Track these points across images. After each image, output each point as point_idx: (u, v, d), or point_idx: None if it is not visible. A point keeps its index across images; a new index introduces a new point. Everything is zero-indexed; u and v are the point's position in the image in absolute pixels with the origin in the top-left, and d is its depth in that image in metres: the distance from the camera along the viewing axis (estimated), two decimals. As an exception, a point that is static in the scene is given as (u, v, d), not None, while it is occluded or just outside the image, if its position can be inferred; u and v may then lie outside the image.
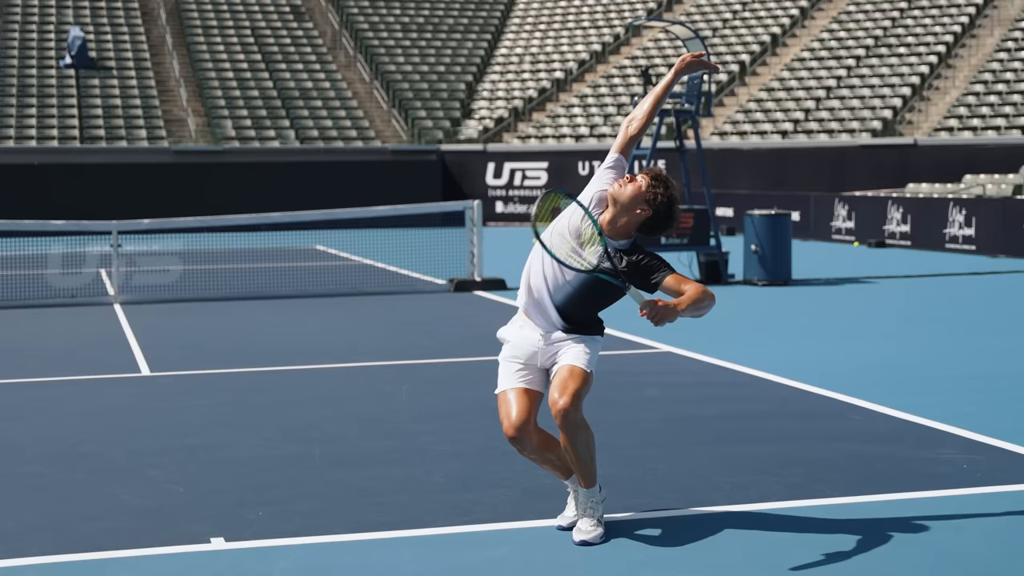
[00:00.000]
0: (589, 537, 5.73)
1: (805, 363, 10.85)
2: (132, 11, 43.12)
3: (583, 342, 5.82)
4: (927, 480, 6.74)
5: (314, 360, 11.38)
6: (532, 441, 5.82)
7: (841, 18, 39.86)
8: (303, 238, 28.36)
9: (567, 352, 5.80)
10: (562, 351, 5.81)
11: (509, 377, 5.87)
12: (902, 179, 30.31)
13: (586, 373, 5.72)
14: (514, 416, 5.78)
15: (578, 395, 5.65)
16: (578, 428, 5.68)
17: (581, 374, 5.70)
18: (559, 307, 5.81)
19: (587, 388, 5.72)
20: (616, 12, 44.64)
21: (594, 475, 5.82)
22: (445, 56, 43.46)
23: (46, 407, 9.33)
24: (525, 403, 5.82)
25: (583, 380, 5.69)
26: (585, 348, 5.80)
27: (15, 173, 33.68)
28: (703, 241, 18.36)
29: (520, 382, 5.84)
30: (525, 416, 5.79)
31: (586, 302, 5.83)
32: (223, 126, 37.51)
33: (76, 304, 16.44)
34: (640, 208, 5.76)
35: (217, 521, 6.10)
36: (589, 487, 5.82)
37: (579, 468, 5.79)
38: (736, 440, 7.84)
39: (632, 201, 5.75)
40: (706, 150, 25.99)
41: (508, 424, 5.79)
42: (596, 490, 5.85)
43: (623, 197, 5.75)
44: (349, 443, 7.89)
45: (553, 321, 5.83)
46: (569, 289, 5.79)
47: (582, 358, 5.75)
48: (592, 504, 5.82)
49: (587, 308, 5.87)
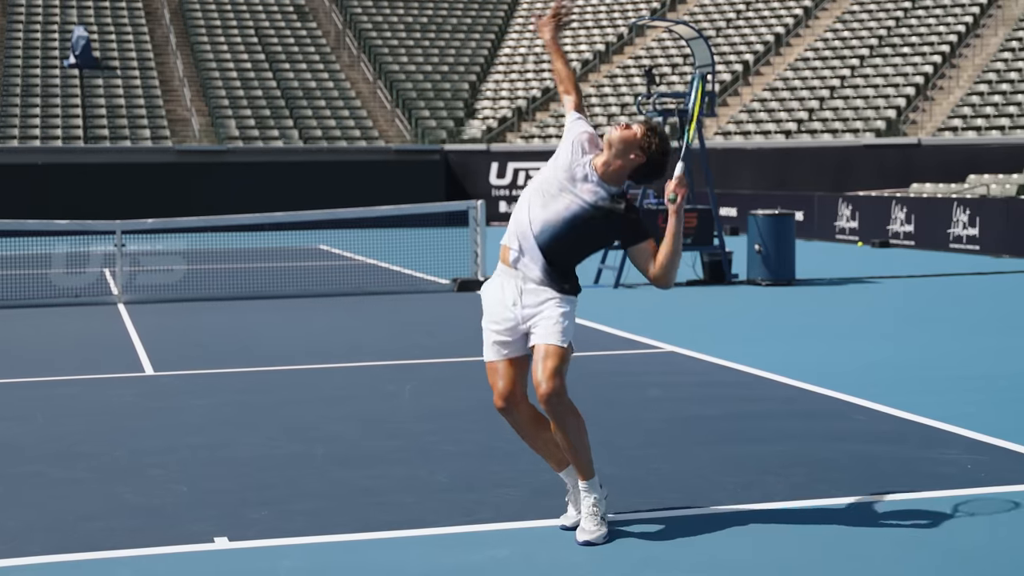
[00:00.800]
0: (592, 537, 5.73)
1: (808, 363, 10.84)
2: (136, 11, 43.14)
3: (557, 308, 5.78)
4: (930, 480, 6.73)
5: (317, 360, 11.38)
6: (521, 414, 5.87)
7: (845, 17, 39.84)
8: (307, 238, 28.37)
9: (541, 324, 5.77)
10: (537, 319, 5.78)
11: (490, 349, 5.91)
12: (906, 179, 30.29)
13: (562, 349, 5.73)
14: (500, 386, 5.84)
15: (558, 374, 5.67)
16: (565, 412, 5.69)
17: (557, 352, 5.71)
18: (543, 247, 5.78)
19: (566, 363, 5.74)
20: (620, 12, 44.63)
21: (590, 464, 5.81)
22: (448, 56, 43.46)
23: (49, 406, 9.33)
24: (509, 374, 5.85)
25: (560, 357, 5.70)
26: (558, 317, 5.77)
27: (19, 173, 33.70)
28: (707, 241, 18.35)
29: (502, 355, 5.87)
30: (511, 386, 5.84)
31: (570, 243, 5.80)
32: (227, 126, 37.53)
33: (80, 304, 16.45)
34: (634, 153, 5.84)
35: (220, 520, 6.09)
36: (587, 478, 5.81)
37: (573, 457, 5.79)
38: (739, 440, 7.83)
39: (627, 146, 5.83)
40: (709, 150, 25.97)
41: (496, 395, 5.87)
42: (596, 483, 5.83)
43: (620, 142, 5.83)
44: (352, 443, 7.89)
45: (534, 264, 5.79)
46: (554, 229, 5.78)
47: (555, 334, 5.73)
48: (594, 501, 5.82)
49: (569, 251, 5.83)
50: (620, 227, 5.82)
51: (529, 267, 5.81)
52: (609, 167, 5.83)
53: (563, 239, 5.78)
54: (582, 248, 5.87)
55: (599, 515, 5.81)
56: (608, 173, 5.83)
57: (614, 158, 5.83)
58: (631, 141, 5.84)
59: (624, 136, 5.84)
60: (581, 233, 5.79)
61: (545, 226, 5.78)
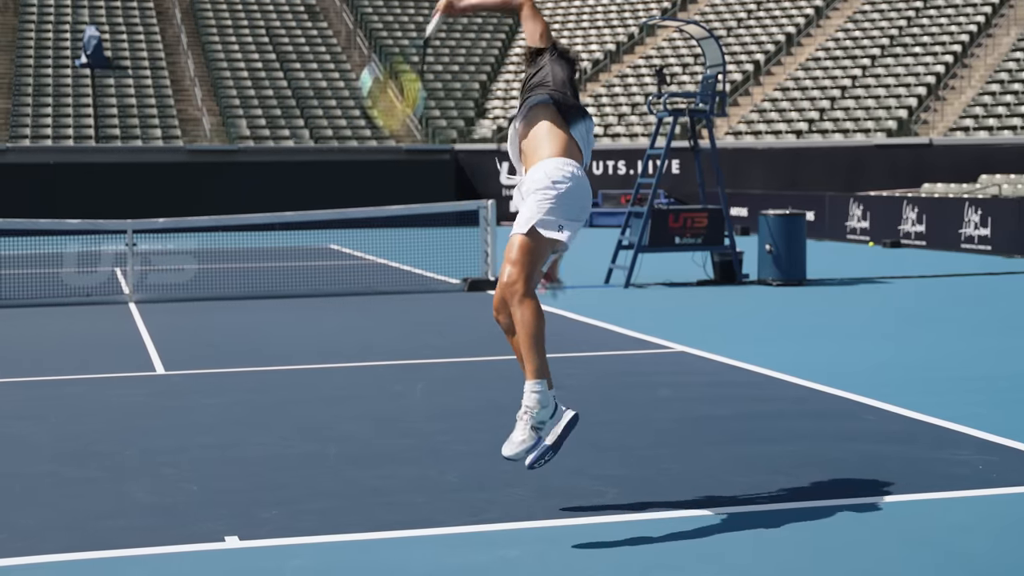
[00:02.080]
0: (513, 451, 5.79)
1: (818, 363, 10.83)
2: (147, 11, 43.23)
3: (532, 195, 5.96)
4: (941, 481, 6.72)
5: (328, 359, 11.39)
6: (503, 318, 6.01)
7: (856, 17, 39.78)
8: (317, 237, 28.40)
9: (518, 216, 6.02)
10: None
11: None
12: (917, 179, 30.24)
13: (522, 238, 5.87)
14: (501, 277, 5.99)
15: (518, 264, 5.82)
16: (521, 301, 5.76)
17: (518, 243, 5.87)
18: (522, 152, 6.18)
19: (529, 252, 5.86)
20: (630, 12, 44.61)
21: (541, 368, 5.76)
22: (459, 55, 43.48)
23: (61, 406, 9.36)
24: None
25: (520, 247, 5.86)
26: (528, 206, 5.95)
27: (31, 172, 33.78)
28: (717, 241, 18.34)
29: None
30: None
31: (528, 136, 6.14)
32: (238, 125, 37.58)
33: (91, 303, 16.49)
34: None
35: (231, 520, 6.11)
36: (532, 379, 5.77)
37: (524, 352, 5.79)
38: (749, 440, 7.83)
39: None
40: (720, 150, 25.96)
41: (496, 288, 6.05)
42: (541, 387, 5.76)
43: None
44: (363, 442, 7.90)
45: (521, 169, 6.21)
46: (517, 131, 6.20)
47: (521, 222, 5.92)
48: (533, 402, 5.74)
49: (531, 143, 6.11)
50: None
51: (521, 171, 6.32)
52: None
53: (525, 135, 6.23)
54: (536, 132, 6.17)
55: (530, 423, 5.75)
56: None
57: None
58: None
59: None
60: (529, 119, 6.23)
61: (513, 139, 6.34)
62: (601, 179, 36.21)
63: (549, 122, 6.13)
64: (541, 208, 5.90)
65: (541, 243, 5.89)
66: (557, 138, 6.10)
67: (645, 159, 19.97)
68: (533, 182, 6.00)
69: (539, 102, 6.17)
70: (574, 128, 6.15)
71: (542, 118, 6.14)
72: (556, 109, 6.15)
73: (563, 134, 6.11)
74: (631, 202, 19.37)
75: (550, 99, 6.15)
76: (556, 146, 6.08)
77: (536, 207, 5.91)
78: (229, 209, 26.81)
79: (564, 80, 6.25)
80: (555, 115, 6.15)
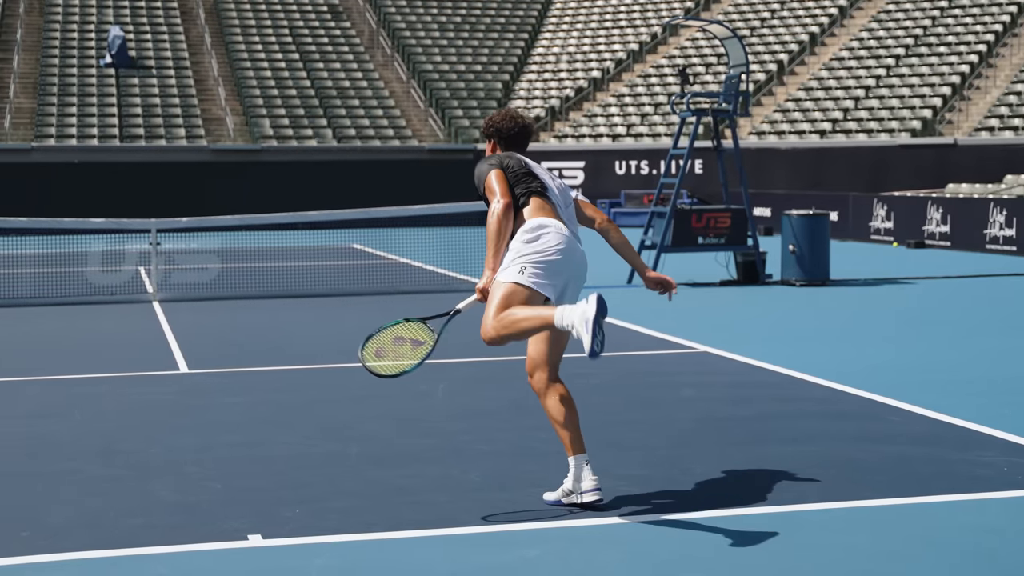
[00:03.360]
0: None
1: (842, 364, 10.80)
2: (171, 11, 43.38)
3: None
4: (967, 482, 6.69)
5: (351, 359, 11.39)
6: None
7: (880, 17, 39.64)
8: (340, 237, 28.45)
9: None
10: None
11: None
12: (942, 179, 30.12)
13: (491, 291, 6.16)
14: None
15: (488, 311, 6.11)
16: (502, 338, 6.06)
17: (490, 295, 6.17)
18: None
19: (501, 295, 6.08)
20: (653, 11, 44.55)
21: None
22: (482, 55, 43.49)
23: (86, 404, 9.40)
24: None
25: (489, 300, 6.14)
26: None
27: (56, 171, 33.94)
28: (740, 241, 18.31)
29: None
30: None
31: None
32: (261, 125, 37.68)
33: (115, 301, 16.56)
34: (489, 144, 6.69)
35: (254, 518, 6.13)
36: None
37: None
38: (772, 441, 7.81)
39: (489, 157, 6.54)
40: (744, 150, 25.90)
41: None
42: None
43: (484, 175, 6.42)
44: (386, 441, 7.91)
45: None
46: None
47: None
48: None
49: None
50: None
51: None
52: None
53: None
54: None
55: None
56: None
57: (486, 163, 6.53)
58: (489, 154, 6.62)
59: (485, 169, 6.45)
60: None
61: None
62: (624, 179, 36.18)
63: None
64: (509, 262, 6.23)
65: (504, 289, 6.13)
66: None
67: (668, 159, 19.95)
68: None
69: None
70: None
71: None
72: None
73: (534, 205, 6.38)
74: (654, 202, 19.35)
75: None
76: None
77: (507, 263, 6.25)
78: (252, 208, 26.88)
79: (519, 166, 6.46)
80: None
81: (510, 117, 6.64)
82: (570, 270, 6.23)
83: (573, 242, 6.28)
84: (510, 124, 6.62)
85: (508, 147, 6.62)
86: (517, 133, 6.63)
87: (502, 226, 6.20)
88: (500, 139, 6.63)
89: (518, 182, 6.35)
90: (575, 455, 6.17)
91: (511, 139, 6.62)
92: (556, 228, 6.24)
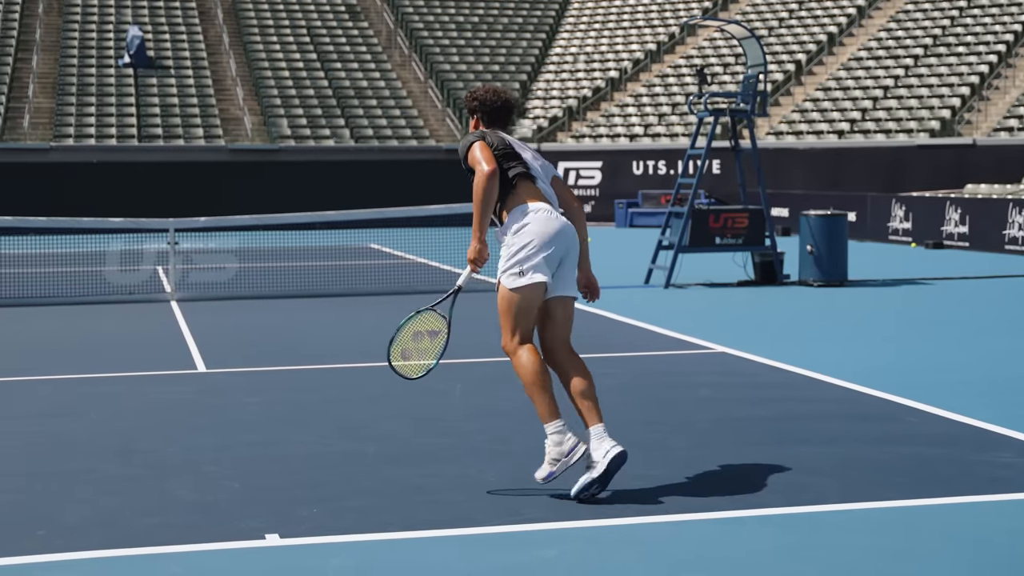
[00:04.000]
0: (540, 476, 6.44)
1: (860, 364, 10.76)
2: (189, 11, 43.49)
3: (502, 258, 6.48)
4: (986, 484, 6.66)
5: (368, 358, 11.41)
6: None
7: (899, 17, 39.53)
8: (357, 236, 28.48)
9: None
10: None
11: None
12: (960, 179, 30.02)
13: (499, 299, 6.45)
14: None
15: (502, 326, 6.42)
16: (513, 358, 6.39)
17: (498, 305, 6.45)
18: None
19: (506, 308, 6.40)
20: (671, 11, 44.50)
21: (543, 413, 6.35)
22: (500, 55, 43.50)
23: (103, 403, 9.42)
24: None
25: (499, 310, 6.44)
26: (499, 266, 6.48)
27: (74, 171, 34.05)
28: (758, 241, 18.27)
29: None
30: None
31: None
32: (279, 125, 37.75)
33: (133, 301, 16.60)
34: (472, 120, 6.80)
35: (271, 517, 6.13)
36: (544, 423, 6.39)
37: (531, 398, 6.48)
38: (790, 442, 7.78)
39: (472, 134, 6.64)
40: (761, 150, 25.83)
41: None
42: (552, 428, 6.36)
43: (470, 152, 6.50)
44: (402, 441, 7.91)
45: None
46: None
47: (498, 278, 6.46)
48: (548, 448, 6.40)
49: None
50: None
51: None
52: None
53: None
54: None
55: (548, 458, 6.38)
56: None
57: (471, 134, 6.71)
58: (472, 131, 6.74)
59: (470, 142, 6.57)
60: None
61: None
62: (641, 179, 36.14)
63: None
64: (505, 260, 6.45)
65: (505, 299, 6.42)
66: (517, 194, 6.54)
67: (686, 159, 19.91)
68: (505, 244, 6.54)
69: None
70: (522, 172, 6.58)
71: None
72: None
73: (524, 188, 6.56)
74: (671, 202, 19.32)
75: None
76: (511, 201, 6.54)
77: (503, 263, 6.47)
78: (270, 208, 26.91)
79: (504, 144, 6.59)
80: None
81: (493, 91, 6.75)
82: (562, 248, 6.43)
83: (558, 220, 6.47)
84: (493, 98, 6.71)
85: (491, 122, 6.72)
86: (500, 107, 6.73)
87: (487, 193, 6.32)
88: (484, 113, 6.73)
89: (504, 158, 6.49)
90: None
91: (494, 113, 6.73)
92: (543, 211, 6.45)
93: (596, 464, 6.23)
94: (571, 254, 6.48)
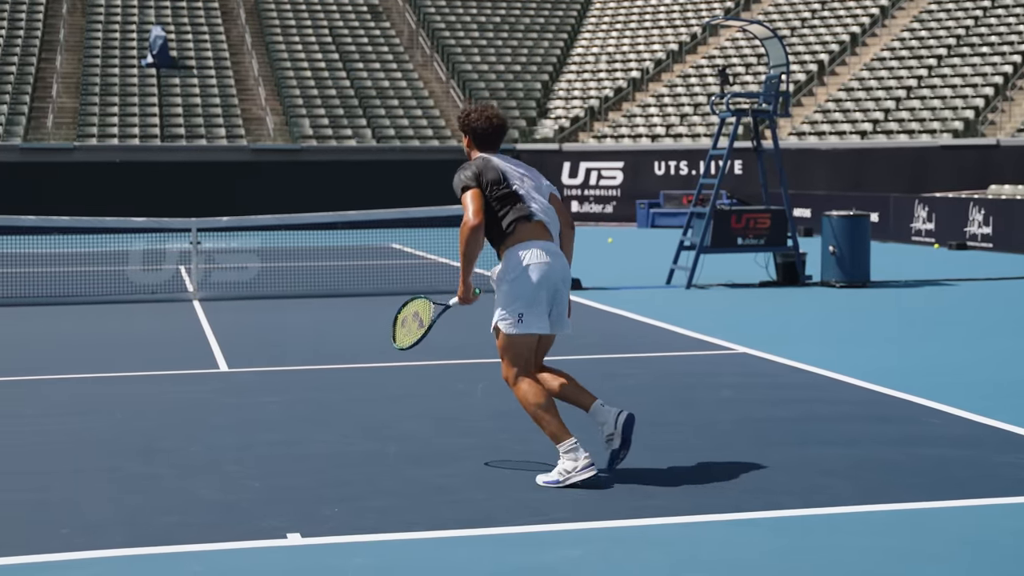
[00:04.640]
0: (543, 481, 6.67)
1: (881, 366, 10.73)
2: (212, 11, 43.61)
3: (495, 290, 6.82)
4: (1007, 485, 6.64)
5: (389, 358, 11.42)
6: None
7: (922, 17, 39.38)
8: (379, 236, 28.52)
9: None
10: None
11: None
12: (984, 180, 29.88)
13: (498, 334, 6.75)
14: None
15: (503, 360, 6.75)
16: (514, 389, 6.69)
17: (498, 338, 6.76)
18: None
19: (506, 347, 6.73)
20: (693, 11, 44.43)
21: (554, 434, 6.64)
22: (521, 55, 43.49)
23: (126, 402, 9.46)
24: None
25: (499, 343, 6.77)
26: (495, 299, 6.80)
27: (98, 170, 34.19)
28: (780, 242, 18.23)
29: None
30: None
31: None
32: (301, 125, 37.82)
33: (156, 300, 16.66)
34: (466, 140, 7.06)
35: (293, 517, 6.14)
36: (556, 445, 6.67)
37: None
38: (811, 442, 7.77)
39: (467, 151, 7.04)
40: (784, 150, 25.77)
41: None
42: (564, 447, 6.61)
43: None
44: (425, 440, 7.92)
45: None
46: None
47: (495, 318, 6.77)
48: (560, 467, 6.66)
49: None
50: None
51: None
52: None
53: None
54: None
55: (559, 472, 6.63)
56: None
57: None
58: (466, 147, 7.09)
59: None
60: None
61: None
62: (663, 179, 36.09)
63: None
64: (501, 295, 6.78)
65: (504, 333, 6.71)
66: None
67: (707, 159, 19.88)
68: (499, 271, 6.90)
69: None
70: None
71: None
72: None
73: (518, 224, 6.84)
74: (693, 202, 19.29)
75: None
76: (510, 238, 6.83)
77: (498, 298, 6.80)
78: (292, 208, 26.95)
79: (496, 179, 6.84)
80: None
81: (485, 117, 6.95)
82: (552, 289, 6.75)
83: (553, 253, 6.74)
84: (485, 125, 6.96)
85: (483, 146, 6.99)
86: (491, 133, 6.98)
87: (469, 247, 6.71)
88: (475, 138, 6.98)
89: (500, 202, 6.74)
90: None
91: (485, 138, 6.98)
92: (537, 249, 6.72)
93: (613, 436, 6.74)
94: (562, 292, 6.79)
